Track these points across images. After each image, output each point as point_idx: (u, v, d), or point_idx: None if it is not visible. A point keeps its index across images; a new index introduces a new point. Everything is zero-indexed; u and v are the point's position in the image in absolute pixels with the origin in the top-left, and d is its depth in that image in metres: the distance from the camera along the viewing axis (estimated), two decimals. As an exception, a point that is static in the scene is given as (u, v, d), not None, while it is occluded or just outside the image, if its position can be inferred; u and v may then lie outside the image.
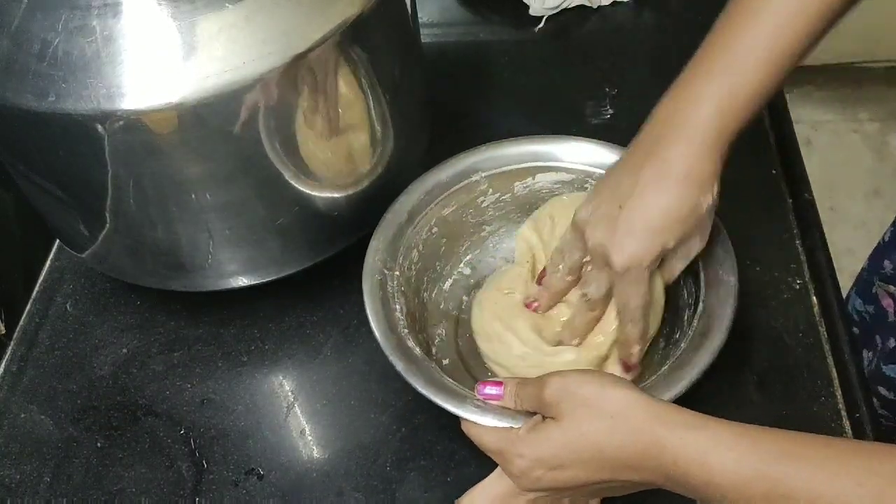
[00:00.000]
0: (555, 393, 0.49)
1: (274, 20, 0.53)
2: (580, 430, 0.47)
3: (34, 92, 0.52)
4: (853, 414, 0.62)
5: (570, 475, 0.48)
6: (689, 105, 0.55)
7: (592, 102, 0.85)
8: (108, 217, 0.61)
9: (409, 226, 0.65)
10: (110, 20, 0.51)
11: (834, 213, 1.79)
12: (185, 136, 0.54)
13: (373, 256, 0.62)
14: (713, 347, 0.55)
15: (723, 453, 0.43)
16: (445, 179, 0.66)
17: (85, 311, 0.74)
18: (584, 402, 0.48)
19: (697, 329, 0.57)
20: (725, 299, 0.57)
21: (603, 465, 0.47)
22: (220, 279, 0.66)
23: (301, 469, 0.63)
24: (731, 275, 0.58)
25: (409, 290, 0.63)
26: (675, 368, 0.55)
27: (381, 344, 0.58)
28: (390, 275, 0.62)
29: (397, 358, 0.57)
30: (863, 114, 2.01)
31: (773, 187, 0.76)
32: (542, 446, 0.49)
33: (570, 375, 0.50)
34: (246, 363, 0.70)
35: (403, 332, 0.59)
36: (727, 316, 0.56)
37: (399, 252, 0.63)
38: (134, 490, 0.63)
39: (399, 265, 0.63)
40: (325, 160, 0.61)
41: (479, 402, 0.53)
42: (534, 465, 0.49)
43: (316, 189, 0.63)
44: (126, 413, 0.67)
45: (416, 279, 0.65)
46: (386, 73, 0.62)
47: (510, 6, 0.96)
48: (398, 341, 0.58)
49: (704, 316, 0.57)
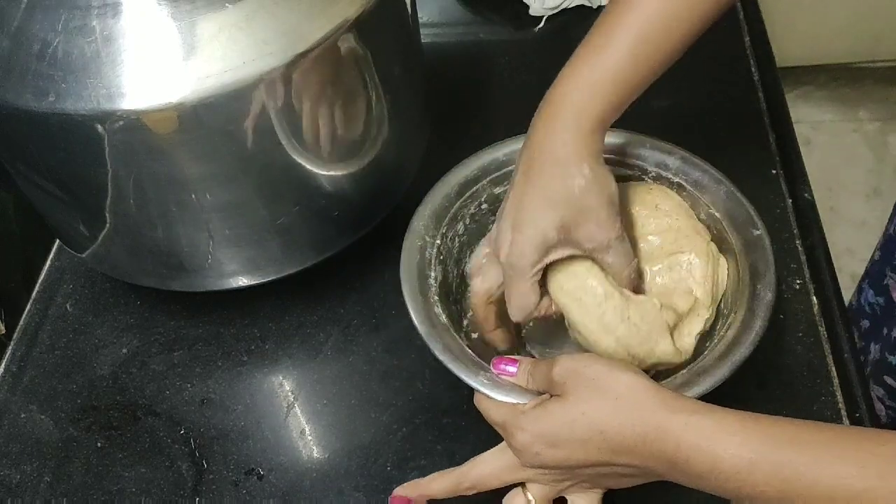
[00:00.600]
0: (562, 371, 0.50)
1: (274, 20, 0.53)
2: (581, 409, 0.48)
3: (34, 92, 0.52)
4: (853, 414, 0.62)
5: (567, 453, 0.49)
6: (552, 91, 0.55)
7: (592, 102, 0.85)
8: (108, 217, 0.61)
9: (459, 198, 0.65)
10: (110, 20, 0.51)
11: (834, 213, 1.79)
12: (185, 136, 0.54)
13: (417, 222, 0.63)
14: (736, 359, 0.54)
15: (726, 438, 0.43)
16: (501, 157, 0.66)
17: (85, 311, 0.74)
18: (590, 382, 0.48)
19: (724, 339, 0.56)
20: (758, 314, 0.56)
21: (602, 447, 0.47)
22: (220, 279, 0.66)
23: (301, 469, 0.63)
24: (769, 291, 0.57)
25: (449, 260, 0.64)
26: (693, 374, 0.54)
27: (408, 306, 0.58)
28: (431, 242, 0.62)
29: (421, 321, 0.57)
30: (863, 113, 2.01)
31: (773, 187, 0.76)
32: (544, 422, 0.49)
33: (580, 357, 0.51)
34: (246, 363, 0.70)
35: (433, 299, 0.59)
36: (756, 331, 0.55)
37: (444, 222, 0.64)
38: (134, 490, 0.63)
39: (442, 234, 0.63)
40: (324, 160, 0.61)
41: (493, 375, 0.54)
42: (534, 440, 0.50)
43: (316, 189, 0.63)
44: (126, 413, 0.67)
45: (458, 251, 0.65)
46: (386, 73, 0.62)
47: (510, 6, 0.96)
48: (426, 306, 0.58)
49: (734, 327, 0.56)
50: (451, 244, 0.64)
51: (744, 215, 0.61)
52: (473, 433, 0.62)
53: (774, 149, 0.79)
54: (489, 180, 0.66)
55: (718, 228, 0.62)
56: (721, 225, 0.62)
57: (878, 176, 1.89)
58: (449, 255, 0.64)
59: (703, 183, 0.63)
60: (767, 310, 0.56)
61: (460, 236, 0.65)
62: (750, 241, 0.60)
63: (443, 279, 0.62)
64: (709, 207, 0.63)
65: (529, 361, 0.54)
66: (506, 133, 0.69)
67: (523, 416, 0.51)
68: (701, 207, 0.63)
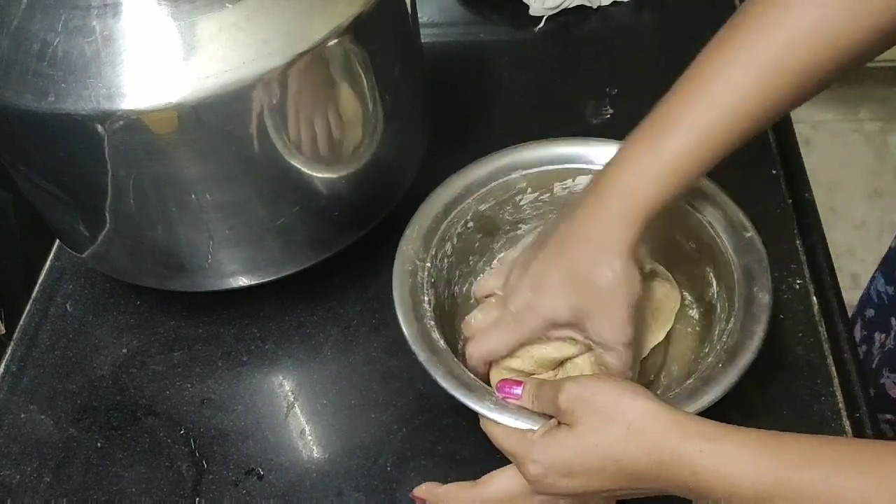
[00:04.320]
0: (570, 399, 0.48)
1: (274, 20, 0.53)
2: (594, 440, 0.47)
3: (34, 92, 0.52)
4: (853, 414, 0.62)
5: (583, 482, 0.48)
6: (611, 168, 0.54)
7: (592, 102, 0.85)
8: (107, 217, 0.61)
9: (445, 218, 0.64)
10: (110, 20, 0.51)
11: (834, 213, 1.79)
12: (185, 136, 0.54)
13: (406, 245, 0.62)
14: (742, 364, 0.54)
15: (744, 463, 0.43)
16: (485, 175, 0.66)
17: (85, 311, 0.74)
18: (600, 411, 0.47)
19: (726, 345, 0.55)
20: (758, 317, 0.56)
21: (618, 476, 0.47)
22: (220, 279, 0.66)
23: (301, 469, 0.63)
24: (766, 292, 0.56)
25: (440, 282, 0.63)
26: (701, 382, 0.54)
27: (405, 332, 0.57)
28: (421, 265, 0.62)
29: (420, 348, 0.57)
30: (863, 113, 2.01)
31: (773, 187, 0.76)
32: (556, 453, 0.48)
33: (587, 382, 0.49)
34: (246, 363, 0.70)
35: (430, 324, 0.58)
36: (758, 334, 0.55)
37: (433, 243, 0.63)
38: (134, 490, 0.63)
39: (431, 256, 0.63)
40: (324, 160, 0.61)
41: (498, 399, 0.53)
42: (547, 471, 0.49)
43: (315, 189, 0.63)
44: (126, 413, 0.67)
45: (448, 272, 0.65)
46: (386, 73, 0.62)
47: (510, 6, 0.96)
48: (423, 331, 0.58)
49: (735, 333, 0.56)
50: (441, 265, 0.64)
51: (734, 217, 0.60)
52: (473, 434, 0.62)
53: (774, 149, 0.79)
54: (474, 198, 0.65)
55: (707, 234, 0.61)
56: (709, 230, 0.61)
57: (878, 176, 1.89)
58: (440, 276, 0.63)
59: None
60: (767, 312, 0.56)
61: (448, 257, 0.64)
62: (742, 244, 0.59)
63: (436, 302, 0.61)
64: (696, 212, 0.62)
65: (533, 383, 0.53)
66: (505, 133, 0.69)
67: (533, 446, 0.50)
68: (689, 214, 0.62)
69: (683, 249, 0.64)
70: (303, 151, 0.59)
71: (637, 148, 0.53)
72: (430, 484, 0.56)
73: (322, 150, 0.60)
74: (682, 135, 0.51)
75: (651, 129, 0.53)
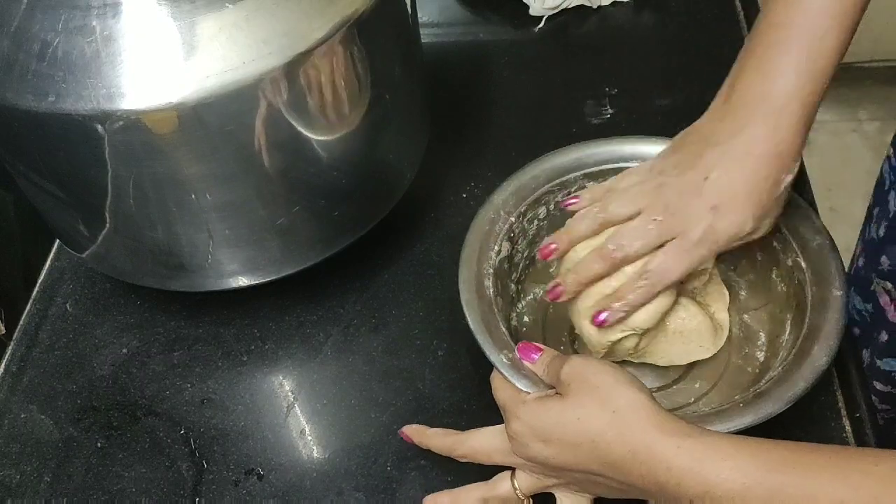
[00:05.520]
0: (570, 372, 0.50)
1: (274, 20, 0.53)
2: (578, 414, 0.48)
3: (34, 92, 0.52)
4: (853, 414, 0.62)
5: (554, 452, 0.49)
6: (768, 79, 0.53)
7: (592, 102, 0.85)
8: (108, 217, 0.61)
9: (547, 183, 0.64)
10: (110, 20, 0.51)
11: (834, 213, 1.79)
12: (185, 136, 0.54)
13: (497, 196, 0.63)
14: (817, 369, 0.53)
15: (719, 462, 0.43)
16: (602, 154, 0.65)
17: (85, 311, 0.74)
18: (593, 390, 0.48)
19: (798, 349, 0.54)
20: (832, 318, 0.55)
21: (591, 456, 0.48)
22: (220, 279, 0.66)
23: (301, 469, 0.63)
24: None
25: (521, 240, 0.64)
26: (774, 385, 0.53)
27: (459, 270, 0.58)
28: (505, 217, 0.62)
29: (466, 287, 0.57)
30: (862, 114, 2.01)
31: (773, 187, 0.76)
32: (539, 417, 0.50)
33: (591, 362, 0.51)
34: (246, 363, 0.70)
35: (488, 271, 0.59)
36: (834, 335, 0.54)
37: (525, 202, 0.63)
38: (134, 490, 0.63)
39: (519, 213, 0.63)
40: (324, 160, 0.61)
41: (515, 357, 0.55)
42: (526, 431, 0.50)
43: (315, 189, 0.63)
44: (126, 413, 0.67)
45: (534, 233, 0.65)
46: (386, 73, 0.62)
47: (510, 6, 0.96)
48: (478, 275, 0.58)
49: (808, 337, 0.55)
50: (528, 225, 0.64)
51: (825, 271, 0.58)
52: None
53: (774, 149, 0.79)
54: (584, 173, 0.65)
55: (798, 279, 0.59)
56: (799, 276, 0.59)
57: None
58: (522, 234, 0.64)
59: None
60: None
61: (540, 220, 0.65)
62: (826, 301, 0.57)
63: (507, 256, 0.62)
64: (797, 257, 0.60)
65: (552, 354, 0.54)
66: (505, 133, 0.69)
67: (523, 405, 0.51)
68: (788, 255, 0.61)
69: (776, 290, 0.63)
70: (302, 151, 0.59)
71: (788, 55, 0.53)
72: (415, 426, 0.59)
73: (322, 149, 0.61)
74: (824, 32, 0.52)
75: (785, 32, 0.53)
